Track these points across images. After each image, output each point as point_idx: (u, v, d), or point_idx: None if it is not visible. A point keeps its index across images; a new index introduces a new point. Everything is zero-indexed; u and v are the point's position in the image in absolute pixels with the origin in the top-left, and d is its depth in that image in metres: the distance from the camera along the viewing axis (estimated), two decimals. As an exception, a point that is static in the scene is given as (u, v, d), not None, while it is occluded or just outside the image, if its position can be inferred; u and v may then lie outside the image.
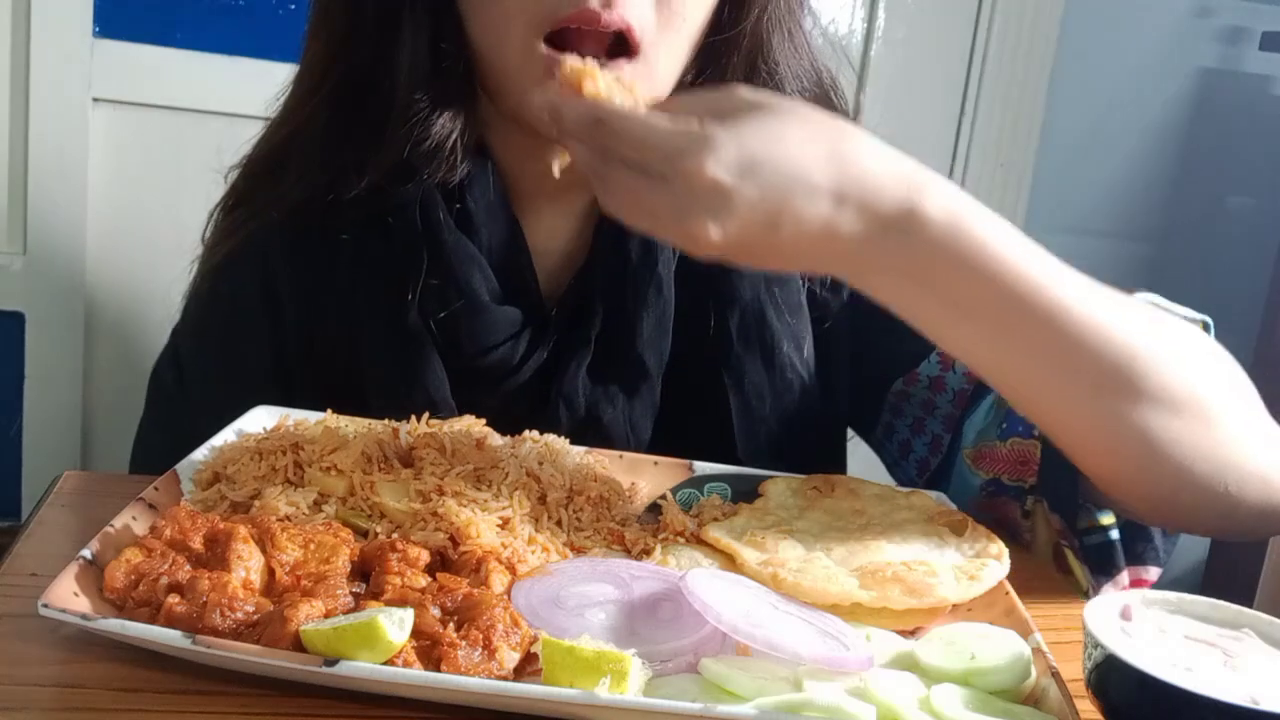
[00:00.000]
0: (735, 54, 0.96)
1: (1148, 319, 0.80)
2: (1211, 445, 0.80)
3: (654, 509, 0.85)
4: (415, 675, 0.58)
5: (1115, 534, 0.92)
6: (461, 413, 0.90)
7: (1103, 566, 0.93)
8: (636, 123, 0.68)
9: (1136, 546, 0.94)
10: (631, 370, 0.99)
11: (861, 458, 1.10)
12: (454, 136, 0.93)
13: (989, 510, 0.96)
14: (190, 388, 1.03)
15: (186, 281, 1.06)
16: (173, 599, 0.63)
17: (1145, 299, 0.88)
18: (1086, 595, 0.91)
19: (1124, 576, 0.94)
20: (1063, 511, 0.92)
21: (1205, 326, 0.89)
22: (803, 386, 1.01)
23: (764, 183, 0.67)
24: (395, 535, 0.73)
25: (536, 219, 1.01)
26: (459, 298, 0.95)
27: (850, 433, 1.11)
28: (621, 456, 0.91)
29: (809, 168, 0.68)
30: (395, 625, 0.59)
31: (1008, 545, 0.78)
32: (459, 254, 0.96)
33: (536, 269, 1.01)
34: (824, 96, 1.01)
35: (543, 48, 0.86)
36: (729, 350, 0.99)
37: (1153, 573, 0.96)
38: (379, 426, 0.85)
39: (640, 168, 0.68)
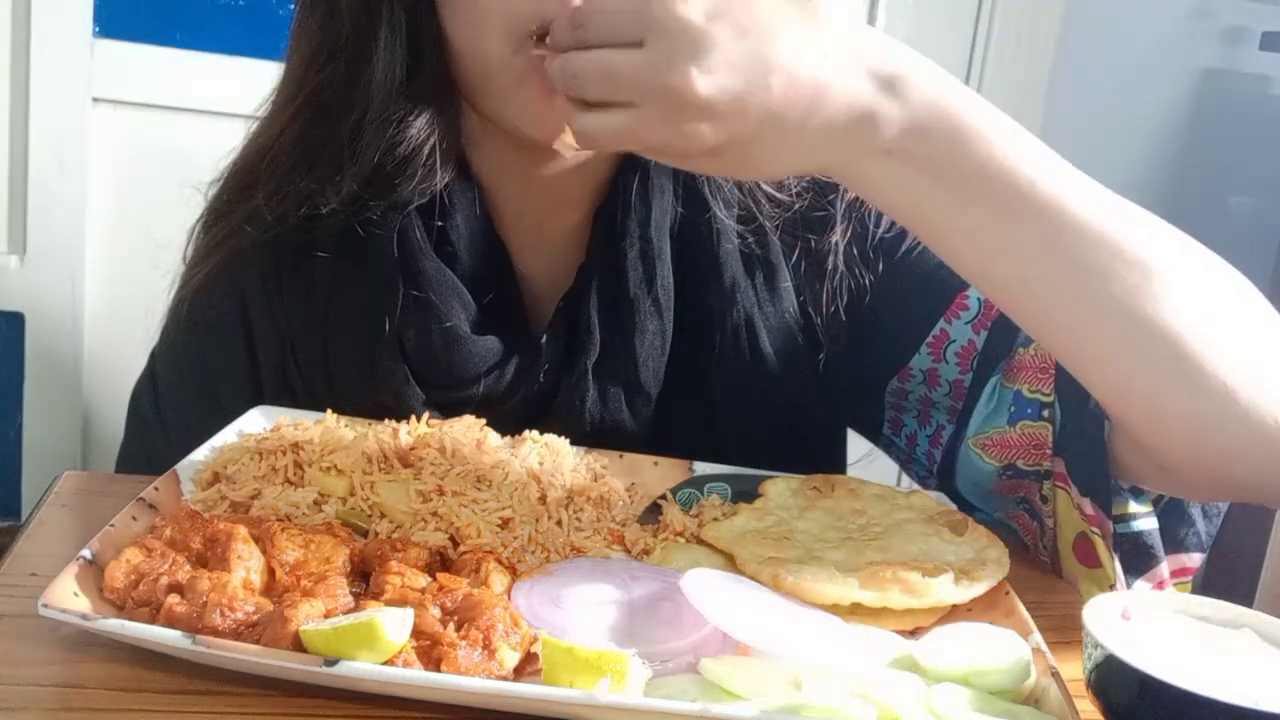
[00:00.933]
0: None
1: (1158, 223, 0.77)
2: (1258, 357, 0.74)
3: (654, 509, 0.85)
4: (415, 675, 0.58)
5: (1153, 523, 0.87)
6: None
7: (1138, 561, 0.87)
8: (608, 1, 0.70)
9: (1178, 531, 0.89)
10: (631, 392, 0.96)
11: (861, 457, 1.10)
12: (431, 141, 0.89)
13: (1015, 491, 0.93)
14: (167, 416, 1.01)
15: (175, 291, 1.03)
16: (173, 599, 0.63)
17: None
18: (1111, 590, 0.85)
19: (1163, 568, 0.88)
20: (1095, 493, 0.84)
21: None
22: (797, 401, 1.00)
23: (737, 24, 0.67)
24: (395, 535, 0.73)
25: (523, 241, 0.98)
26: (437, 328, 0.92)
27: (849, 433, 1.10)
28: (621, 456, 0.91)
29: (784, 22, 0.69)
30: (395, 625, 0.59)
31: (1009, 545, 0.78)
32: (437, 282, 0.92)
33: (523, 294, 0.99)
34: None
35: (531, 50, 0.82)
36: (722, 369, 0.97)
37: (1196, 559, 0.91)
38: (379, 426, 0.85)
39: (617, 40, 0.68)
